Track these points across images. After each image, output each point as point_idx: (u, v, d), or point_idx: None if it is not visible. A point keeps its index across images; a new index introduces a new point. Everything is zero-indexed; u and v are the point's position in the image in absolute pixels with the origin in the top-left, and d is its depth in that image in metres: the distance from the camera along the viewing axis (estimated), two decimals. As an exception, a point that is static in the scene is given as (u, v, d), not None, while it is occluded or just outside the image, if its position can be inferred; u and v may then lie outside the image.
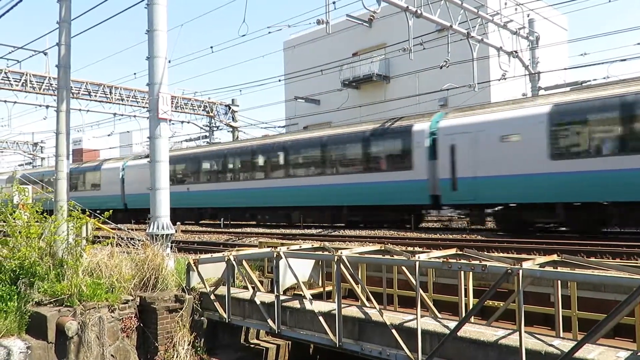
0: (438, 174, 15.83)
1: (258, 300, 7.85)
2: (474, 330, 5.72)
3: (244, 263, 8.61)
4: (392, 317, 6.46)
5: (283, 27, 21.07)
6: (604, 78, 18.87)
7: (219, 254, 9.14)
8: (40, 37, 44.46)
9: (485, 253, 7.16)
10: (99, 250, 8.84)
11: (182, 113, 31.64)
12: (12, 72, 24.73)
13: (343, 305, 6.84)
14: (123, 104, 29.42)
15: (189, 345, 8.17)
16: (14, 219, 8.54)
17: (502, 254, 7.60)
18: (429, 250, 7.83)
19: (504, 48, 20.12)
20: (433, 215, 21.55)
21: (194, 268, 8.70)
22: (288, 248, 8.23)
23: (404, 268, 6.97)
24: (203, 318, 8.54)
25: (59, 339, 7.21)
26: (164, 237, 9.68)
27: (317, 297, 8.26)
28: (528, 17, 21.86)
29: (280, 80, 27.76)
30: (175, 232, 10.94)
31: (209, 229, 20.98)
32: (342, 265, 6.79)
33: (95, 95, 27.88)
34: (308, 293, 7.40)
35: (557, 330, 6.04)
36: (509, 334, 5.51)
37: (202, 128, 33.50)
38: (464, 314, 6.26)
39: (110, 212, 9.31)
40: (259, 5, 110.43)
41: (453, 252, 7.00)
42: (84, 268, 8.18)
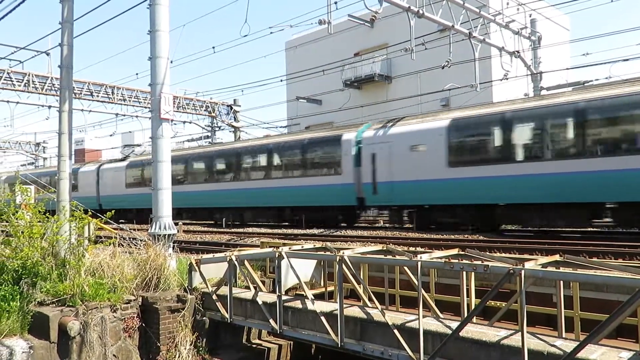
0: (362, 179, 17.76)
1: (260, 301, 7.85)
2: (476, 331, 5.71)
3: (246, 263, 8.61)
4: (394, 317, 6.45)
5: (285, 27, 21.08)
6: (606, 78, 18.93)
7: (221, 254, 9.16)
8: (43, 37, 44.11)
9: (487, 253, 7.15)
10: (101, 250, 8.84)
11: (184, 113, 31.65)
12: (14, 72, 24.75)
13: (345, 306, 6.84)
14: (125, 104, 29.45)
15: (191, 345, 8.17)
16: (17, 219, 8.57)
17: (504, 254, 7.58)
18: (431, 251, 7.84)
19: (506, 48, 20.08)
20: (369, 215, 23.22)
21: (196, 268, 8.71)
22: (290, 248, 8.22)
23: (406, 268, 6.95)
24: (205, 318, 8.54)
25: (61, 339, 7.21)
26: (166, 237, 9.69)
27: (319, 297, 8.25)
28: (530, 17, 21.84)
29: (282, 81, 27.86)
30: (177, 232, 10.95)
31: (211, 229, 21.10)
32: (344, 266, 6.80)
33: (98, 96, 27.92)
34: (310, 293, 7.40)
35: (559, 331, 6.02)
36: (511, 335, 5.50)
37: (204, 128, 33.51)
38: (466, 314, 6.25)
39: (113, 212, 9.35)
40: (261, 6, 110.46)
41: (455, 252, 6.99)
42: (86, 268, 8.18)
